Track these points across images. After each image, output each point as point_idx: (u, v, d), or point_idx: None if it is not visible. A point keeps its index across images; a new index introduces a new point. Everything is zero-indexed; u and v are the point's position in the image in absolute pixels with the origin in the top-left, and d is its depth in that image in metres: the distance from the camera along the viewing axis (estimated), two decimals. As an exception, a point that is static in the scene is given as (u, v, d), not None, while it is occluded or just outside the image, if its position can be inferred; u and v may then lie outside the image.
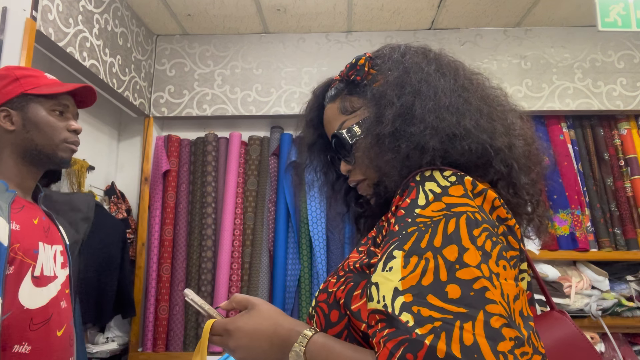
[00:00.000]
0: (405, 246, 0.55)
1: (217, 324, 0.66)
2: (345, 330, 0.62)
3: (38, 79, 1.11)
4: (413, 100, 0.66)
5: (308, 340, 0.59)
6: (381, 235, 0.65)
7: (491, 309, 0.49)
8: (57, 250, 1.12)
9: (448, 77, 0.67)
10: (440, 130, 0.63)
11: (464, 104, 0.65)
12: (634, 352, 2.16)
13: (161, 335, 2.31)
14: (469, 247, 0.53)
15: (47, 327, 1.02)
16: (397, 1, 2.31)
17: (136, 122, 2.59)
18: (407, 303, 0.51)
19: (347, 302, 0.61)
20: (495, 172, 0.65)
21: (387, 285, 0.53)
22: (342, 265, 0.69)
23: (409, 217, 0.57)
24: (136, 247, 2.39)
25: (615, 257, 2.24)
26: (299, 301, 2.33)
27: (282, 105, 2.51)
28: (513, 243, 0.59)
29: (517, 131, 0.68)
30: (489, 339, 0.47)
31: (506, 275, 0.53)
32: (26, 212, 1.05)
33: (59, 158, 1.11)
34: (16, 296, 0.96)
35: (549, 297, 0.71)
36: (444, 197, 0.57)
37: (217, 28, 2.56)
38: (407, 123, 0.65)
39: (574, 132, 2.45)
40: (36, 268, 1.01)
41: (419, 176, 0.61)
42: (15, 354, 0.94)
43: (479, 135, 0.63)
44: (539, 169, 0.72)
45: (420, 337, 0.47)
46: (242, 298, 0.68)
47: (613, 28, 1.72)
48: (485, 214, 0.57)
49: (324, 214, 2.37)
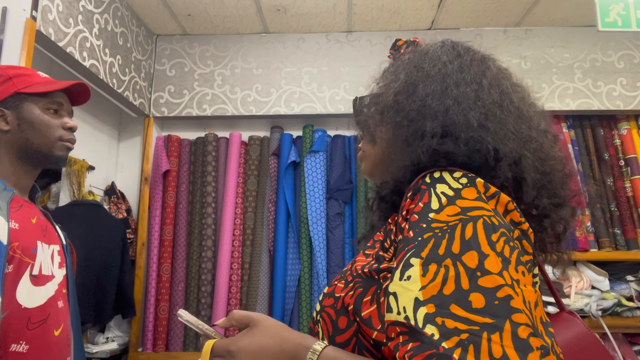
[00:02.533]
0: (423, 253, 0.53)
1: (217, 344, 0.61)
2: (354, 337, 0.60)
3: (31, 78, 1.10)
4: (418, 80, 0.65)
5: (318, 355, 0.56)
6: (389, 240, 0.64)
7: (517, 319, 0.48)
8: (54, 250, 1.12)
9: (467, 72, 0.65)
10: (441, 115, 0.61)
11: (475, 100, 0.63)
12: (634, 352, 2.16)
13: (161, 335, 2.31)
14: (489, 253, 0.51)
15: (44, 327, 1.01)
16: (397, 1, 2.31)
17: (136, 122, 2.59)
18: (430, 314, 0.49)
19: (357, 309, 0.59)
20: (500, 179, 0.61)
21: (407, 295, 0.51)
22: (349, 270, 0.66)
23: (423, 223, 0.55)
24: (136, 247, 2.39)
25: (615, 257, 2.24)
26: (299, 301, 2.33)
27: (282, 105, 2.51)
28: (527, 247, 0.57)
29: (534, 145, 0.64)
30: (518, 350, 0.46)
31: (525, 282, 0.52)
32: (24, 211, 1.05)
33: (55, 156, 1.11)
34: (14, 295, 0.95)
35: (558, 299, 0.69)
36: (458, 201, 0.55)
37: (217, 28, 2.56)
38: (407, 99, 0.65)
39: (574, 132, 2.45)
40: (34, 267, 1.01)
41: (428, 178, 0.59)
42: (12, 353, 0.94)
43: (482, 134, 0.61)
44: (565, 195, 0.66)
45: (448, 351, 0.46)
46: (241, 315, 0.64)
47: (613, 28, 1.72)
48: (500, 218, 0.56)
49: (324, 214, 2.37)
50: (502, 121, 0.62)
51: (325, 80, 2.51)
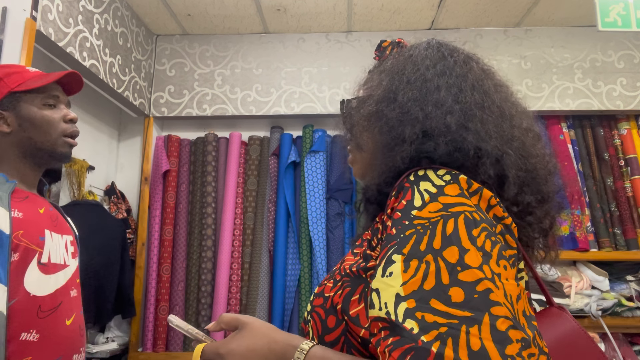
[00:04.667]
0: (404, 250, 0.53)
1: (207, 348, 0.62)
2: (343, 336, 0.61)
3: (21, 75, 1.08)
4: (399, 87, 0.66)
5: (306, 354, 0.57)
6: (376, 238, 0.64)
7: (496, 311, 0.48)
8: (67, 240, 1.11)
9: (448, 76, 0.66)
10: (420, 121, 0.63)
11: (454, 103, 0.63)
12: (634, 352, 2.16)
13: (161, 335, 2.31)
14: (470, 247, 0.52)
15: (55, 315, 1.00)
16: (397, 1, 2.31)
17: (136, 122, 2.59)
18: (410, 309, 0.50)
19: (345, 308, 0.60)
20: (483, 176, 0.62)
21: (389, 291, 0.52)
22: (338, 269, 0.67)
23: (405, 220, 0.56)
24: (136, 247, 2.39)
25: (615, 257, 2.24)
26: (298, 301, 2.33)
27: (282, 105, 2.51)
28: (511, 242, 0.58)
29: (516, 144, 0.65)
30: (496, 342, 0.46)
31: (507, 275, 0.53)
32: (30, 201, 1.05)
33: (58, 154, 1.11)
34: (21, 283, 0.95)
35: (547, 294, 0.70)
36: (440, 197, 0.56)
37: (217, 28, 2.56)
38: (388, 107, 0.66)
39: (574, 132, 2.46)
40: (43, 255, 1.00)
41: (412, 176, 0.60)
42: (22, 342, 0.93)
43: (463, 134, 0.62)
44: (549, 191, 0.68)
45: (427, 344, 0.47)
46: (230, 318, 0.64)
47: (613, 28, 1.72)
48: (482, 213, 0.57)
49: (324, 214, 2.37)
50: (483, 121, 0.63)
51: (325, 80, 2.51)
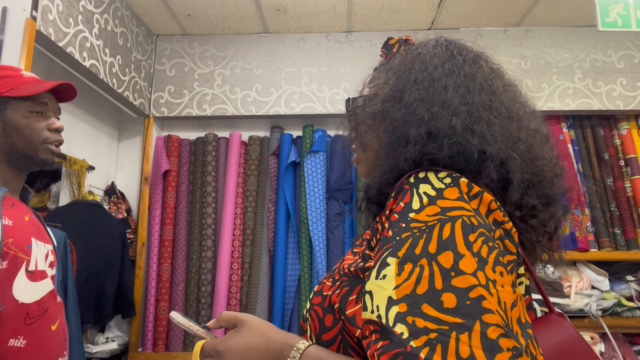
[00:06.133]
0: (399, 252, 0.53)
1: (207, 345, 0.63)
2: (340, 335, 0.60)
3: (14, 79, 1.08)
4: (406, 86, 0.65)
5: (301, 353, 0.58)
6: (375, 238, 0.64)
7: (488, 319, 0.48)
8: (48, 250, 1.12)
9: (457, 75, 0.65)
10: (425, 122, 0.62)
11: (461, 104, 0.62)
12: (634, 352, 2.16)
13: (161, 335, 2.31)
14: (465, 253, 0.51)
15: (42, 321, 1.02)
16: (397, 1, 2.31)
17: (136, 122, 2.59)
18: (401, 313, 0.49)
19: (342, 307, 0.60)
20: (486, 179, 0.61)
21: (381, 294, 0.52)
22: (337, 268, 0.67)
23: (403, 222, 0.55)
24: (136, 247, 2.39)
25: (615, 257, 2.24)
26: (298, 301, 2.33)
27: (282, 105, 2.51)
28: (510, 247, 0.57)
29: (522, 146, 0.64)
30: (485, 350, 0.46)
31: (503, 282, 0.52)
32: (17, 209, 1.05)
33: (40, 160, 1.10)
34: (9, 290, 0.96)
35: (547, 300, 0.68)
36: (439, 201, 0.55)
37: (217, 28, 2.56)
38: (394, 106, 0.65)
39: (574, 132, 2.46)
40: (30, 263, 1.02)
41: (412, 178, 0.59)
42: (10, 348, 0.95)
43: (467, 137, 0.61)
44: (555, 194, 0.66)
45: (415, 350, 0.46)
46: (229, 316, 0.65)
47: (613, 28, 1.72)
48: (481, 218, 0.56)
49: (324, 214, 2.37)
50: (489, 123, 0.62)
51: (325, 80, 2.51)
